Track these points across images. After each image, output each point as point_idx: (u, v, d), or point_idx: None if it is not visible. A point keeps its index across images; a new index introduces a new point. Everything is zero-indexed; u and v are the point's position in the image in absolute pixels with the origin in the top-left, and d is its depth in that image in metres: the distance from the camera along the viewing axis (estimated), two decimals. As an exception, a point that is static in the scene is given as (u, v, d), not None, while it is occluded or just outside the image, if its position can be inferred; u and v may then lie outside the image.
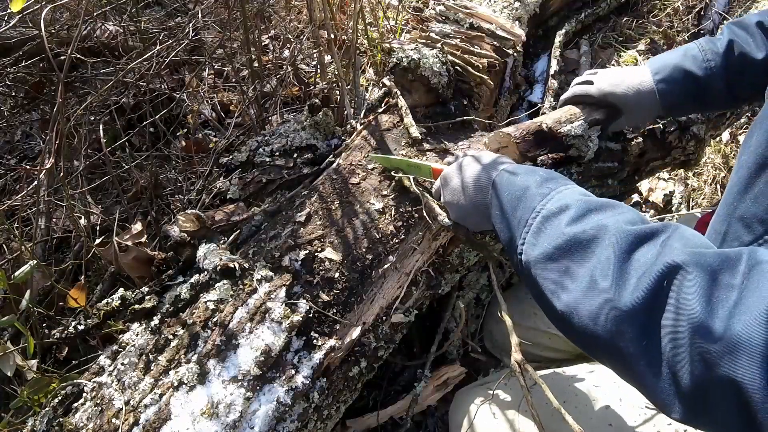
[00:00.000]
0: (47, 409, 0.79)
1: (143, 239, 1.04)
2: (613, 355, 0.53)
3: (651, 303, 0.48)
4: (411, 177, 0.94)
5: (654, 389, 0.49)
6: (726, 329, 0.42)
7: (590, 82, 0.98)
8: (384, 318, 0.92)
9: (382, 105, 1.15)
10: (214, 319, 0.81)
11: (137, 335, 0.84)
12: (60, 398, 0.81)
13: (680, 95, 0.90)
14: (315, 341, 0.82)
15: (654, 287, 0.48)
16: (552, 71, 1.83)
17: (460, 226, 0.85)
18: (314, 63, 1.81)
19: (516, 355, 0.74)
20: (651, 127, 1.14)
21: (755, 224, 0.63)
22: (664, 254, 0.50)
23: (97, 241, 1.10)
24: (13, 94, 1.59)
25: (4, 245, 1.14)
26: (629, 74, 0.94)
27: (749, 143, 0.66)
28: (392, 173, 0.97)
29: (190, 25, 1.43)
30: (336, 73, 1.39)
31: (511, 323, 0.75)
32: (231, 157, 1.11)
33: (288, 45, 1.81)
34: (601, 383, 0.93)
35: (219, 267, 0.85)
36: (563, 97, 1.03)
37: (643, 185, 1.80)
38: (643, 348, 0.49)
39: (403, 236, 0.93)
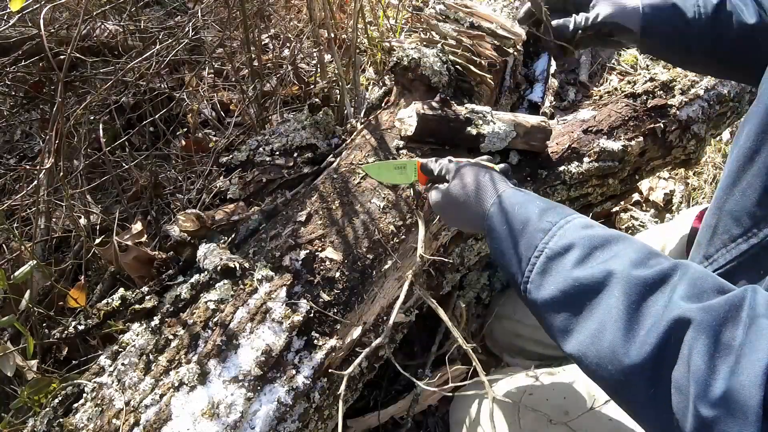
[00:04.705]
0: (47, 409, 0.79)
1: (143, 239, 1.04)
2: (621, 398, 0.54)
3: (659, 356, 0.49)
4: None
5: None
6: (725, 390, 0.43)
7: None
8: (385, 317, 0.92)
9: (383, 104, 1.15)
10: (215, 319, 0.81)
11: (137, 335, 0.84)
12: (60, 398, 0.80)
13: (663, 25, 0.87)
14: (316, 341, 0.82)
15: (662, 342, 0.49)
16: (552, 70, 1.83)
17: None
18: (314, 62, 1.81)
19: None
20: (651, 126, 1.14)
21: (744, 217, 0.64)
22: (672, 307, 0.50)
23: (97, 241, 1.09)
24: (13, 93, 1.58)
25: (4, 245, 1.14)
26: None
27: (739, 137, 0.66)
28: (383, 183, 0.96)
29: (190, 24, 1.42)
30: (336, 72, 1.39)
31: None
32: (231, 156, 1.11)
33: (288, 44, 1.80)
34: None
35: (219, 267, 0.85)
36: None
37: (644, 184, 1.80)
38: (651, 397, 0.49)
39: (403, 236, 0.93)
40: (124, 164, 1.32)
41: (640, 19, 0.87)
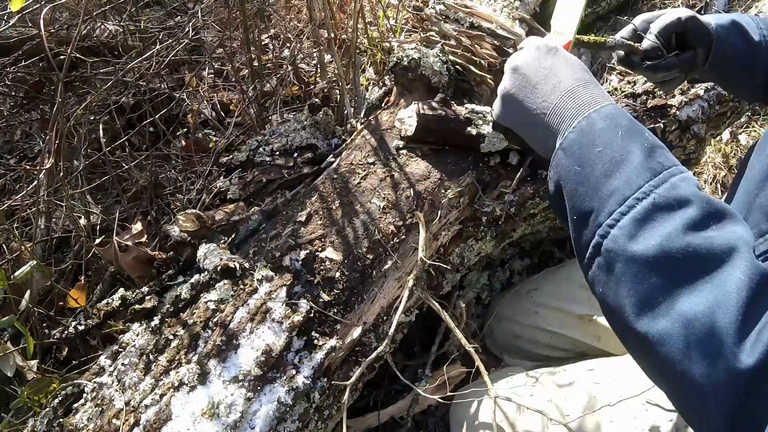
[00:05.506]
0: (47, 409, 0.79)
1: (143, 239, 1.04)
2: (696, 400, 0.44)
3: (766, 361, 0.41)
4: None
5: None
6: None
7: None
8: (385, 318, 0.92)
9: (383, 104, 1.15)
10: (215, 320, 0.81)
11: (137, 335, 0.84)
12: (60, 399, 0.80)
13: (734, 46, 0.82)
14: (316, 341, 0.82)
15: None
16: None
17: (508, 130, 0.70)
18: (314, 62, 1.81)
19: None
20: (651, 126, 1.14)
21: None
22: None
23: (97, 241, 1.09)
24: (13, 93, 1.58)
25: (4, 245, 1.14)
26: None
27: None
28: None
29: (190, 24, 1.43)
30: (336, 72, 1.39)
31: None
32: (231, 156, 1.11)
33: (288, 44, 1.80)
34: (601, 380, 0.93)
35: (219, 267, 0.85)
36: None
37: (644, 184, 1.79)
38: (748, 411, 0.41)
39: (403, 236, 0.93)
40: (124, 164, 1.32)
41: (713, 35, 0.83)
